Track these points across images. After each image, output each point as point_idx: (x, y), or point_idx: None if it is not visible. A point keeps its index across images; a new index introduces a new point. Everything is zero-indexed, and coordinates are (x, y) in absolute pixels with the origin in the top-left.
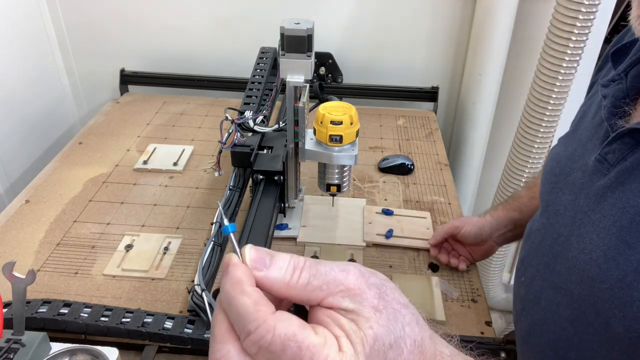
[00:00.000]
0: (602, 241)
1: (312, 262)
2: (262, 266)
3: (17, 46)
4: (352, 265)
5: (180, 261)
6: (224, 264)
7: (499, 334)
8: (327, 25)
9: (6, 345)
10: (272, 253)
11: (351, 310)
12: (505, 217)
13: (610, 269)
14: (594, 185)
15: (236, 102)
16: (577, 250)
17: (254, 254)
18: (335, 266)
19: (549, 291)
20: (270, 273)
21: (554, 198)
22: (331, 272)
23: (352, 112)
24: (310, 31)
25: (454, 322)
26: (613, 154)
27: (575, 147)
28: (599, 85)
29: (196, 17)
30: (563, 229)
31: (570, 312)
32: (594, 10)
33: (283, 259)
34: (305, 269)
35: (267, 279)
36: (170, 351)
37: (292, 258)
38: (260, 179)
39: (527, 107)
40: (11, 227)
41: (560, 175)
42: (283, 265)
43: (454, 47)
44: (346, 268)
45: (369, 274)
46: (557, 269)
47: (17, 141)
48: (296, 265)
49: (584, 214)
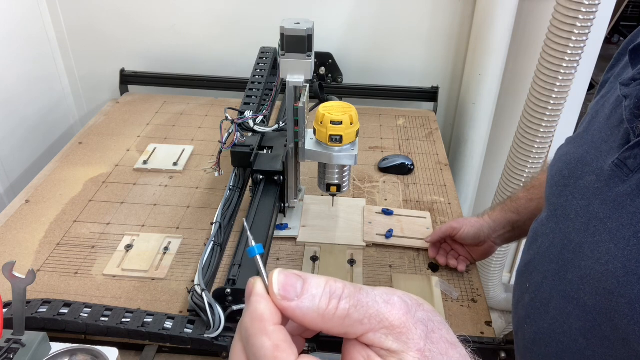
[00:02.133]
0: (620, 252)
1: (351, 289)
2: (292, 294)
3: (17, 46)
4: (396, 295)
5: (180, 261)
6: (247, 289)
7: (499, 334)
8: (327, 25)
9: (6, 345)
10: (304, 277)
11: (394, 351)
12: (503, 218)
13: (631, 283)
14: (612, 191)
15: (236, 102)
16: (591, 260)
17: (282, 279)
18: (378, 296)
19: (559, 300)
20: (302, 303)
21: (563, 202)
22: (374, 305)
23: (352, 112)
24: (310, 31)
25: (454, 322)
26: (634, 160)
27: (587, 149)
28: (614, 83)
29: (196, 17)
30: (574, 235)
31: (582, 324)
32: (594, 10)
33: (317, 284)
34: (344, 299)
35: (299, 310)
36: (170, 351)
37: (328, 284)
38: (260, 179)
39: (527, 107)
40: (11, 227)
41: (570, 178)
42: (317, 292)
43: (454, 47)
44: (391, 299)
45: (415, 307)
46: (568, 277)
47: (17, 141)
48: (333, 293)
49: (599, 221)
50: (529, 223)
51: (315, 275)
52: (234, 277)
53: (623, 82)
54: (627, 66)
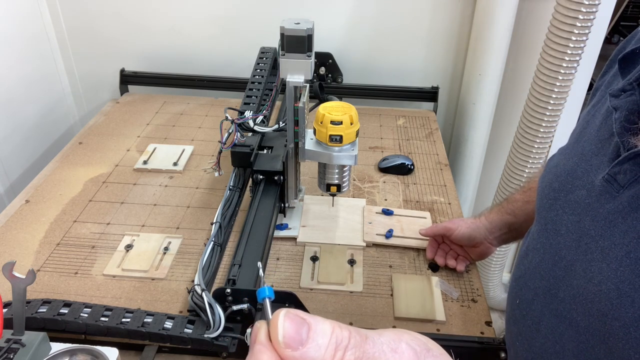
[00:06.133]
0: (613, 273)
1: (357, 338)
2: (297, 344)
3: (18, 46)
4: (404, 342)
5: (180, 261)
6: (252, 335)
7: (499, 334)
8: (327, 25)
9: (6, 345)
10: (309, 321)
11: None
12: (500, 220)
13: (624, 306)
14: (602, 207)
15: (236, 102)
16: (583, 279)
17: (288, 327)
18: (385, 344)
19: (551, 319)
20: (307, 353)
21: (554, 216)
22: (381, 355)
23: (352, 112)
24: (310, 31)
25: (454, 322)
26: (624, 175)
27: (577, 161)
28: (604, 92)
29: (196, 17)
30: (565, 251)
31: (575, 345)
32: (594, 10)
33: (323, 333)
34: (350, 349)
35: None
36: (170, 351)
37: (334, 332)
38: (260, 179)
39: (527, 107)
40: (11, 227)
41: (560, 192)
42: (323, 342)
43: (454, 47)
44: (398, 348)
45: (424, 354)
46: (559, 296)
47: (17, 141)
48: (339, 344)
49: (590, 239)
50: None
51: (321, 319)
52: (234, 277)
53: (612, 93)
54: (617, 75)
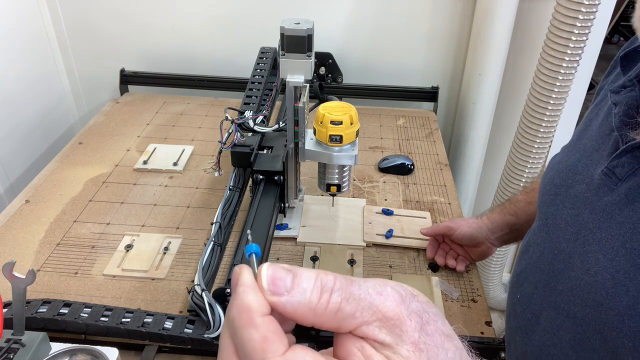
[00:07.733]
0: (609, 263)
1: (343, 281)
2: (282, 289)
3: (17, 46)
4: (389, 286)
5: (180, 261)
6: (234, 278)
7: (499, 334)
8: (327, 25)
9: (6, 345)
10: (293, 270)
11: (388, 344)
12: (502, 220)
13: (619, 295)
14: (600, 200)
15: (236, 102)
16: (580, 271)
17: (271, 272)
18: (370, 288)
19: (550, 311)
20: (292, 297)
21: (554, 211)
22: (367, 297)
23: (352, 112)
24: (310, 31)
25: (454, 322)
26: (622, 168)
27: (578, 157)
28: (607, 91)
29: (196, 17)
30: (564, 245)
31: (572, 336)
32: (594, 10)
33: (308, 278)
34: (336, 292)
35: (290, 305)
36: (170, 351)
37: (319, 277)
38: (260, 179)
39: (527, 107)
40: (11, 227)
41: (561, 187)
42: (308, 286)
43: (454, 47)
44: (383, 290)
45: (409, 298)
46: (558, 288)
47: (17, 141)
48: (324, 286)
49: (588, 231)
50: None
51: (305, 268)
52: None
53: (613, 90)
54: (620, 74)
